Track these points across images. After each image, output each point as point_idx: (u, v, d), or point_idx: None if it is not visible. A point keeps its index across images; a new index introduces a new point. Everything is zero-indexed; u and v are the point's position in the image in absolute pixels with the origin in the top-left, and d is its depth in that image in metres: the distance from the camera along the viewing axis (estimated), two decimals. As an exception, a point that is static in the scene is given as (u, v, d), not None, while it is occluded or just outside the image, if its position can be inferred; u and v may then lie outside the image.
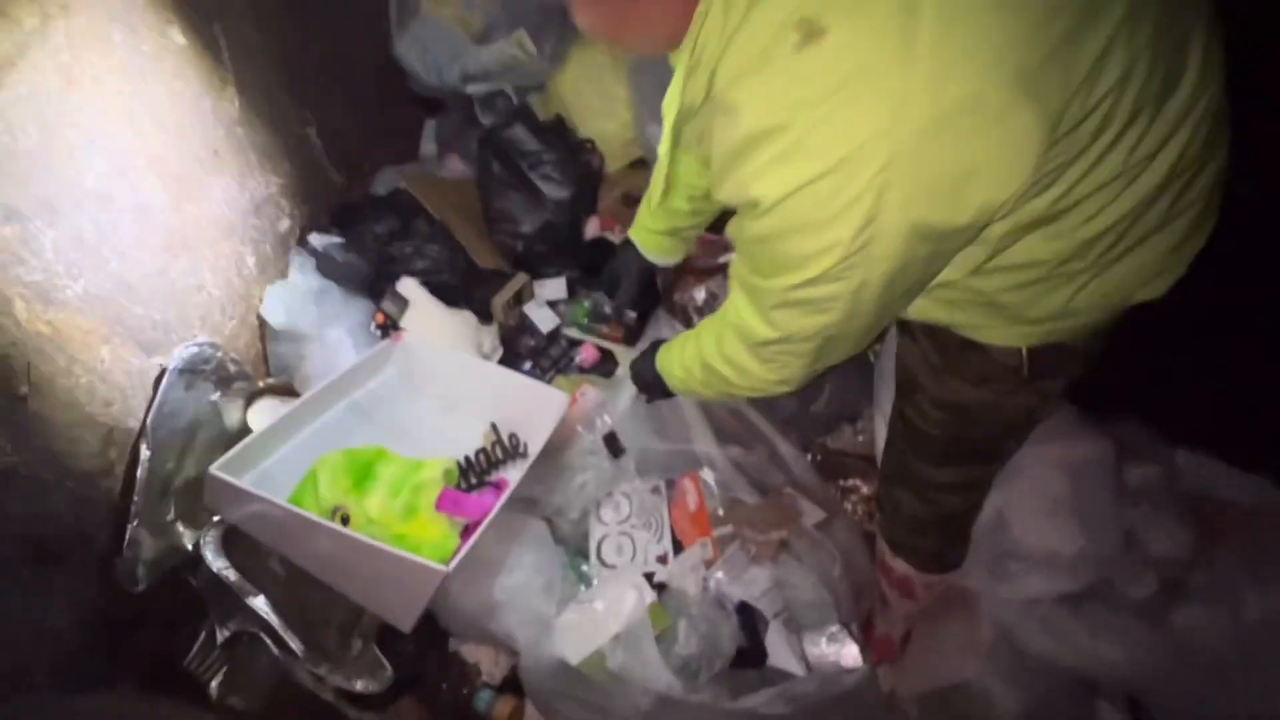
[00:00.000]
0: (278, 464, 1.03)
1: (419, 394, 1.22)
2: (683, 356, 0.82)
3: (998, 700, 1.00)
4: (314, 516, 0.91)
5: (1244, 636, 0.92)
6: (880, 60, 0.44)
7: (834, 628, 1.03)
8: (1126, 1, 0.49)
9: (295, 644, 0.94)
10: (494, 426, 1.21)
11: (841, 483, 1.41)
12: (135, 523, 0.92)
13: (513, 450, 1.18)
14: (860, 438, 1.39)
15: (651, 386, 0.94)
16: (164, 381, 0.95)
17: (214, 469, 0.90)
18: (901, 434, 0.87)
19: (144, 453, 0.92)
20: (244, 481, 0.94)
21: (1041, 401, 0.77)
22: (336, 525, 0.90)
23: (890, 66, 0.44)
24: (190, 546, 1.01)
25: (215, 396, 1.08)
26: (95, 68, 0.80)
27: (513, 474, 1.13)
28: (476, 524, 1.03)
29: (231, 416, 1.12)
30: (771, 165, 0.48)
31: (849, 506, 1.40)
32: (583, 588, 1.08)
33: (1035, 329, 0.67)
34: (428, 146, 1.71)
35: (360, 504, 0.96)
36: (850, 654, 0.99)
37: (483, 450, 1.13)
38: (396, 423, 1.17)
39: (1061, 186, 0.53)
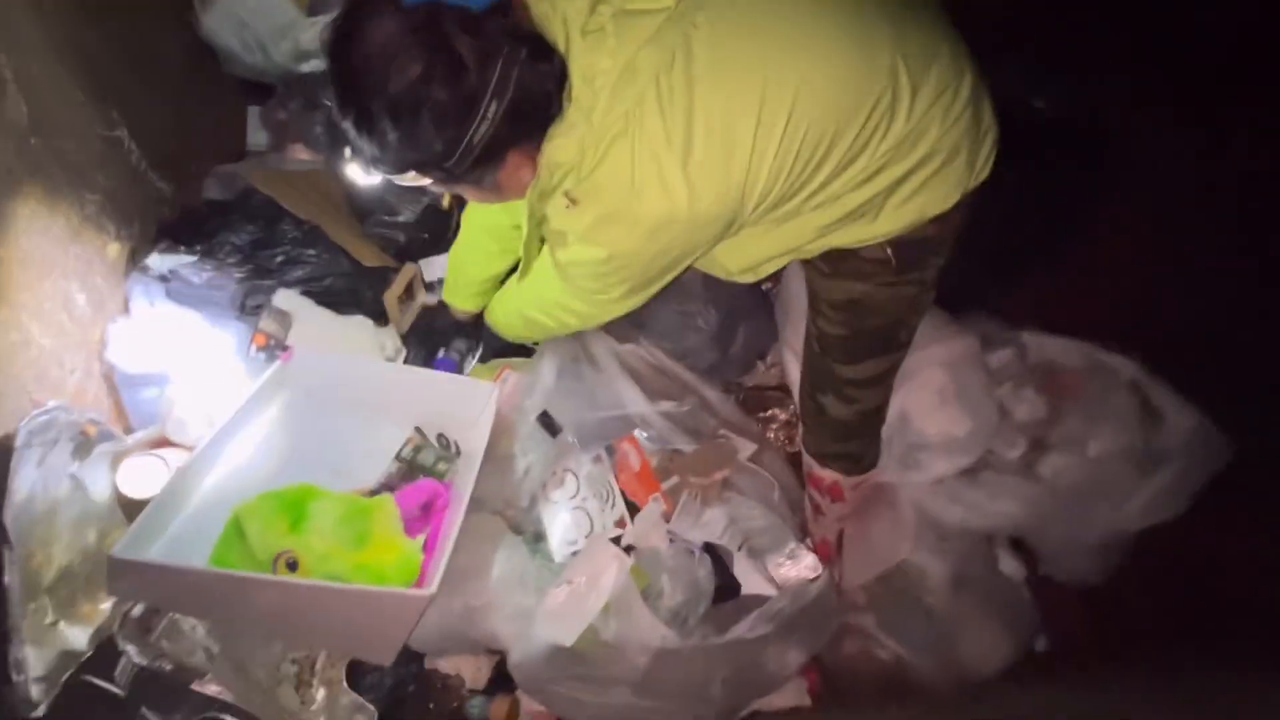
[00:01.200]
0: (186, 527, 0.89)
1: (327, 412, 1.11)
2: (505, 309, 1.09)
3: (929, 570, 1.17)
4: (254, 575, 0.80)
5: (1092, 470, 1.15)
6: (614, 213, 0.71)
7: (790, 544, 1.13)
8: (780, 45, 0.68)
9: (261, 715, 0.84)
10: (418, 430, 1.14)
11: (761, 415, 1.52)
12: (15, 640, 0.76)
13: (445, 451, 1.12)
14: (772, 369, 1.50)
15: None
16: (10, 466, 0.77)
17: (115, 551, 0.76)
18: (816, 342, 0.99)
19: (6, 555, 0.76)
20: (152, 556, 0.80)
21: (919, 290, 0.90)
22: (286, 576, 0.81)
23: (615, 221, 0.72)
24: (85, 645, 0.86)
25: (74, 468, 0.90)
26: None
27: (458, 477, 1.08)
28: (434, 537, 0.97)
29: (97, 485, 0.95)
30: (579, 244, 0.76)
31: (771, 435, 1.52)
32: (550, 572, 1.08)
33: (881, 232, 0.81)
34: (255, 137, 1.49)
35: (305, 544, 0.87)
36: (809, 564, 1.10)
37: (403, 459, 1.07)
38: (310, 449, 1.06)
39: (795, 203, 0.76)
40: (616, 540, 1.12)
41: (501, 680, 1.07)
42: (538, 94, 0.65)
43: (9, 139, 0.81)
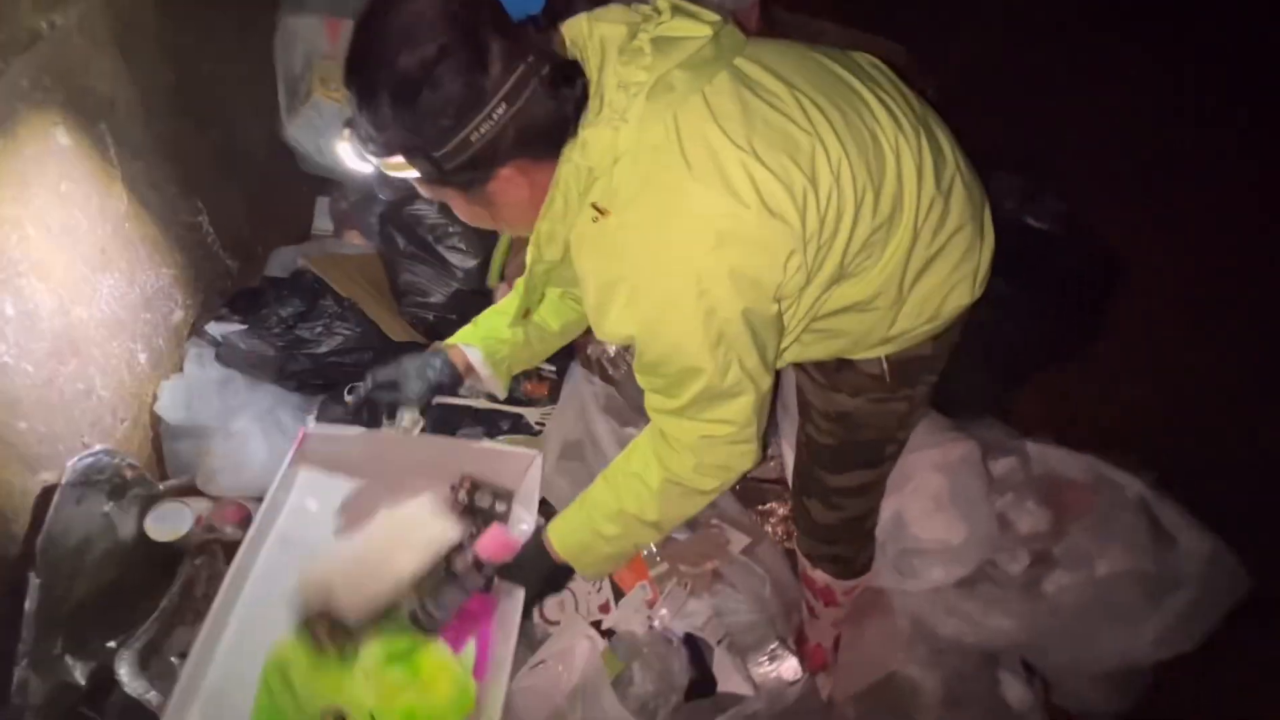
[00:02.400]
0: (222, 673, 0.87)
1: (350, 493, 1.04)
2: (594, 525, 0.80)
3: (921, 685, 1.11)
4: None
5: (1100, 592, 1.10)
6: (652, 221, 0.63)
7: (773, 645, 1.10)
8: (820, 104, 0.67)
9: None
10: (455, 488, 1.03)
11: (760, 507, 1.51)
12: (24, 663, 0.82)
13: (499, 488, 1.04)
14: (772, 463, 1.51)
15: (555, 583, 0.86)
16: (55, 499, 0.87)
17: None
18: (805, 448, 0.99)
19: (33, 581, 0.84)
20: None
21: (910, 407, 0.91)
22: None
23: (662, 231, 0.63)
24: (83, 680, 0.91)
25: (108, 508, 1.00)
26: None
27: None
28: (484, 650, 0.92)
29: (126, 527, 1.04)
30: (626, 305, 0.65)
31: (769, 529, 1.50)
32: (526, 650, 1.08)
33: (883, 346, 0.82)
34: (321, 223, 1.69)
35: (354, 697, 0.82)
36: (790, 667, 1.07)
37: (461, 502, 1.01)
38: (343, 541, 0.95)
39: (836, 255, 0.70)
40: (597, 625, 1.12)
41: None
42: (551, 114, 0.62)
43: (108, 223, 0.98)
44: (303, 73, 1.45)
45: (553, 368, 1.48)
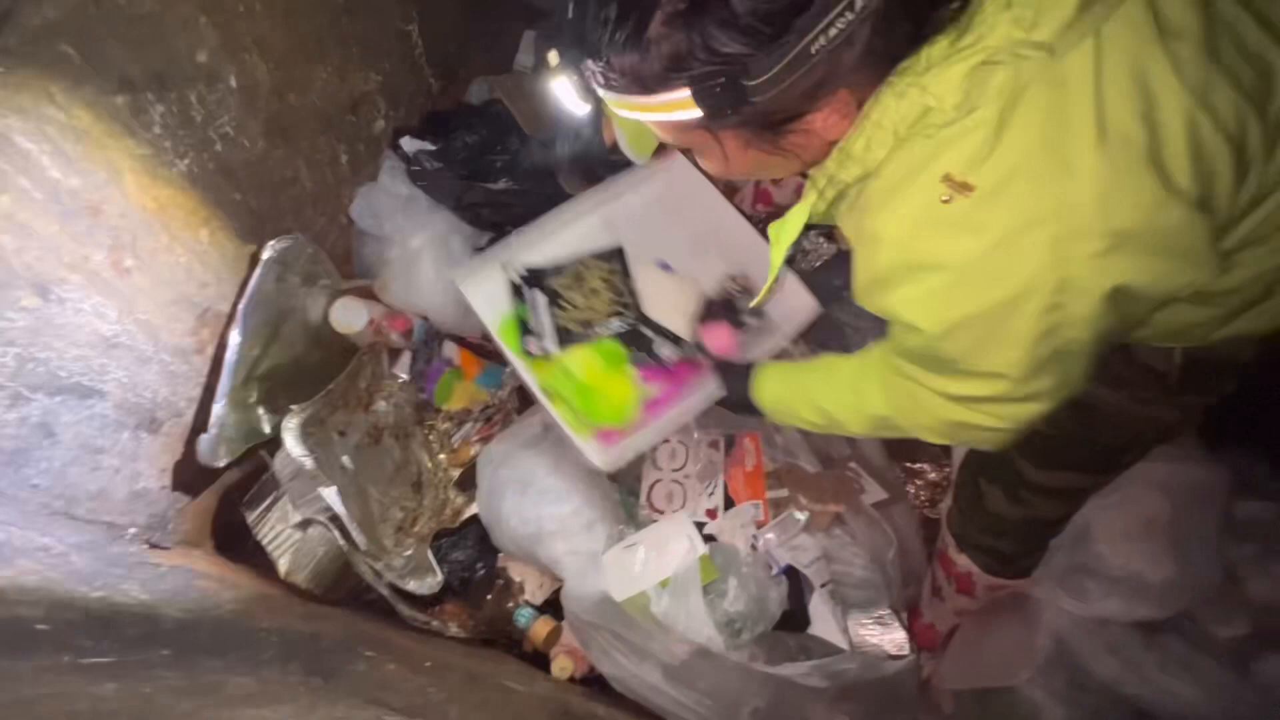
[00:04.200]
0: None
1: (671, 224, 1.18)
2: (798, 402, 0.78)
3: (1044, 714, 0.96)
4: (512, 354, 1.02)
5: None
6: (1037, 210, 0.44)
7: (883, 611, 1.00)
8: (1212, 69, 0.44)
9: (358, 537, 0.98)
10: (733, 278, 1.11)
11: (909, 464, 1.35)
12: (222, 402, 0.96)
13: (740, 314, 1.07)
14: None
15: (740, 409, 0.90)
16: (257, 271, 0.96)
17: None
18: None
19: (234, 337, 0.95)
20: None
21: (1181, 417, 0.69)
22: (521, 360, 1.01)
23: (1045, 215, 0.44)
24: (269, 430, 1.06)
25: (300, 291, 1.10)
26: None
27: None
28: (660, 401, 1.04)
29: (314, 312, 1.15)
30: (929, 298, 0.49)
31: (911, 490, 1.34)
32: (632, 528, 1.08)
33: (1188, 339, 0.60)
34: (523, 57, 1.64)
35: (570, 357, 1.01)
36: (897, 640, 0.97)
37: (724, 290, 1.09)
38: (640, 244, 1.15)
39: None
40: (701, 526, 1.09)
41: (555, 605, 1.12)
42: (926, 7, 0.44)
43: (325, 13, 0.99)
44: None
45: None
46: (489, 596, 1.12)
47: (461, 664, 0.91)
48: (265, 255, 0.98)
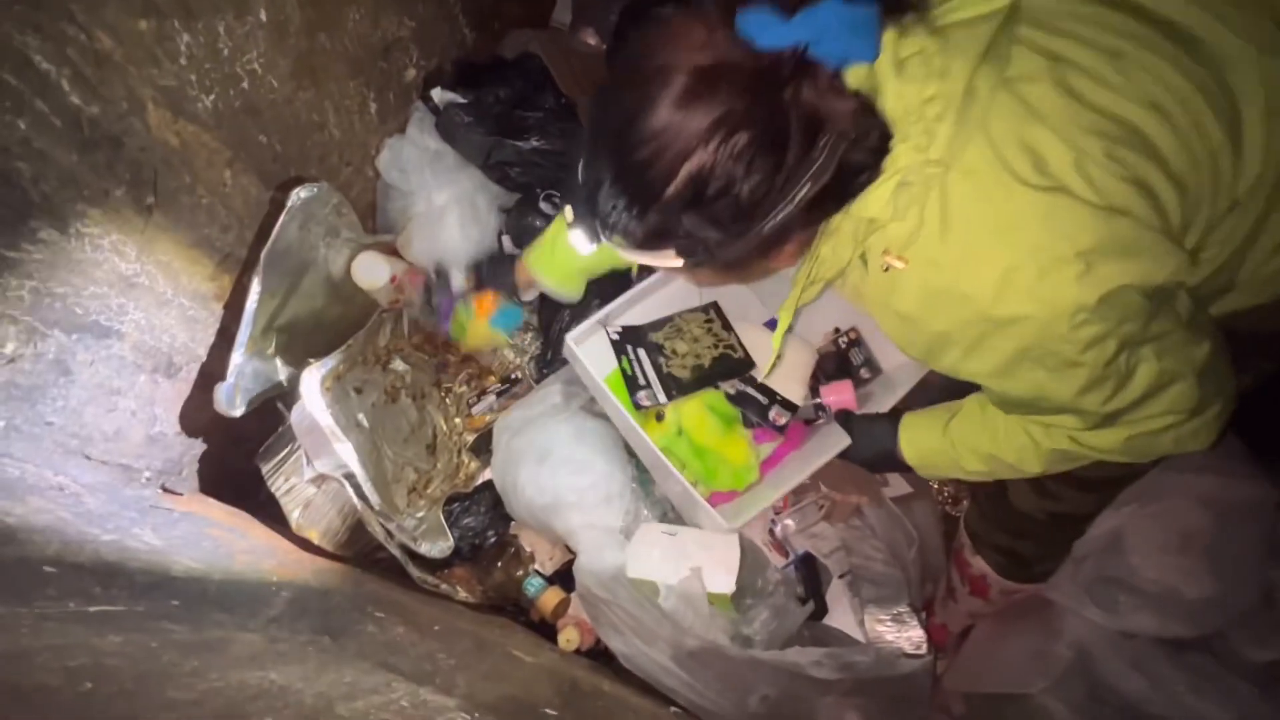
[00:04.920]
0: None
1: (769, 283, 1.10)
2: (956, 454, 0.77)
3: (1061, 723, 0.93)
4: (624, 411, 0.94)
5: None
6: (1011, 258, 0.54)
7: (902, 608, 0.97)
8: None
9: (372, 495, 0.96)
10: (840, 331, 1.08)
11: (935, 460, 1.31)
12: (240, 351, 0.94)
13: (855, 368, 1.05)
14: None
15: (880, 465, 0.90)
16: (281, 219, 0.93)
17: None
18: None
19: (254, 285, 0.93)
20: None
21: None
22: (639, 423, 0.94)
23: (1019, 260, 0.53)
24: (285, 382, 1.04)
25: (323, 243, 1.07)
26: None
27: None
28: (777, 457, 1.00)
29: (336, 265, 1.12)
30: (974, 357, 0.59)
31: (936, 486, 1.31)
32: (641, 505, 1.06)
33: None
34: (560, 14, 1.58)
35: (678, 409, 0.98)
36: (914, 638, 0.94)
37: (839, 346, 1.06)
38: (736, 303, 1.12)
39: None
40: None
41: (565, 576, 1.11)
42: (855, 169, 0.53)
43: (361, -51, 0.94)
44: None
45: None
46: (499, 564, 1.11)
47: (470, 630, 0.90)
48: (289, 203, 0.94)
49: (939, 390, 0.88)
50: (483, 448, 1.19)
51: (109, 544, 0.61)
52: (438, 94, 1.18)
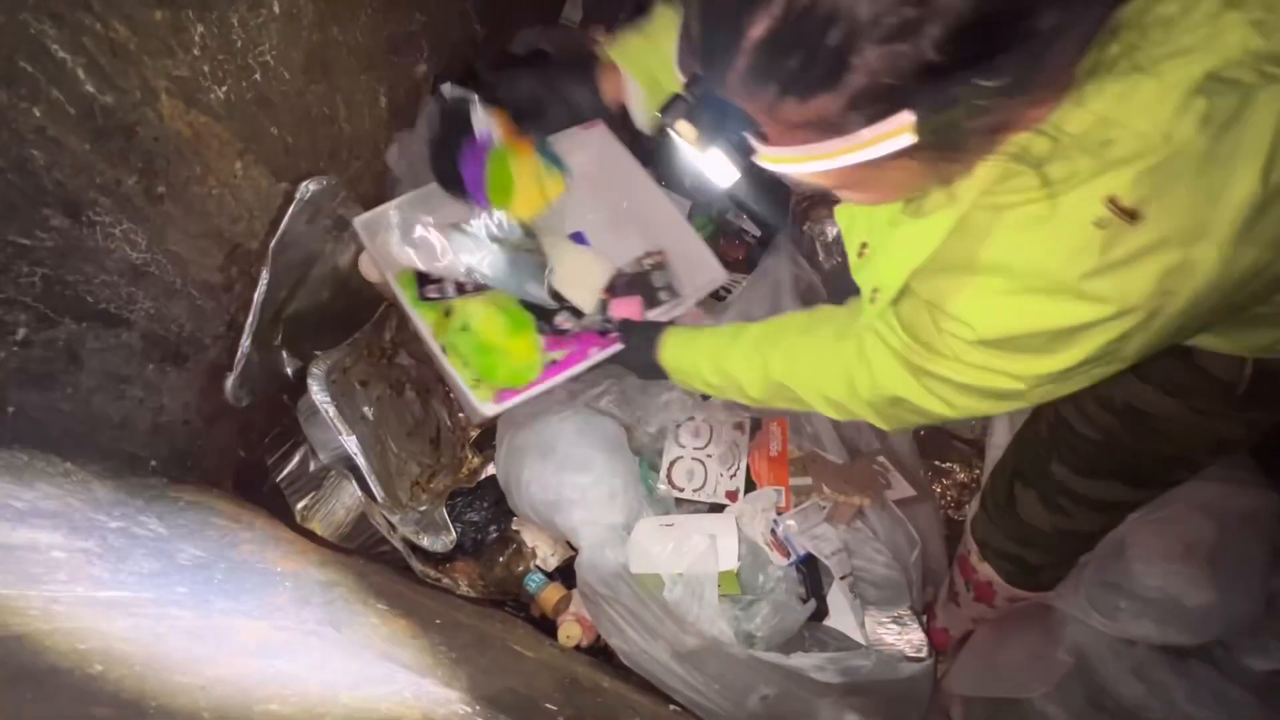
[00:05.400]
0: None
1: (592, 196, 1.16)
2: (700, 362, 0.81)
3: (1060, 729, 0.93)
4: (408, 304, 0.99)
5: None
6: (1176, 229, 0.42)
7: (903, 611, 0.97)
8: None
9: (376, 488, 0.97)
10: (650, 254, 1.14)
11: (938, 464, 1.31)
12: (247, 341, 0.94)
13: (673, 289, 1.11)
14: (974, 422, 1.27)
15: (645, 371, 0.91)
16: (290, 210, 0.94)
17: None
18: (1049, 428, 0.76)
19: (263, 276, 0.93)
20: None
21: (1243, 434, 0.65)
22: (421, 314, 0.99)
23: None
24: (291, 373, 1.04)
25: (332, 236, 1.08)
26: None
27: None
28: (561, 365, 1.02)
29: (343, 258, 1.12)
30: (989, 307, 0.48)
31: (938, 489, 1.31)
32: (644, 503, 1.06)
33: (1258, 345, 0.56)
34: (570, 11, 1.58)
35: (465, 305, 1.00)
36: (915, 642, 0.94)
37: (642, 268, 1.11)
38: (555, 216, 1.10)
39: None
40: (721, 509, 1.06)
41: (566, 572, 1.11)
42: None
43: (375, -56, 0.94)
44: None
45: (757, 232, 1.31)
46: (501, 559, 1.11)
47: (471, 624, 0.91)
48: (299, 195, 0.95)
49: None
50: (486, 443, 1.20)
51: (116, 530, 0.61)
52: (448, 89, 1.18)
